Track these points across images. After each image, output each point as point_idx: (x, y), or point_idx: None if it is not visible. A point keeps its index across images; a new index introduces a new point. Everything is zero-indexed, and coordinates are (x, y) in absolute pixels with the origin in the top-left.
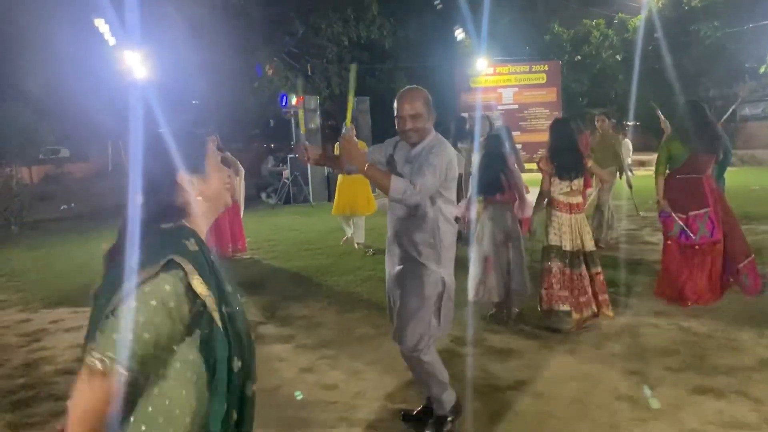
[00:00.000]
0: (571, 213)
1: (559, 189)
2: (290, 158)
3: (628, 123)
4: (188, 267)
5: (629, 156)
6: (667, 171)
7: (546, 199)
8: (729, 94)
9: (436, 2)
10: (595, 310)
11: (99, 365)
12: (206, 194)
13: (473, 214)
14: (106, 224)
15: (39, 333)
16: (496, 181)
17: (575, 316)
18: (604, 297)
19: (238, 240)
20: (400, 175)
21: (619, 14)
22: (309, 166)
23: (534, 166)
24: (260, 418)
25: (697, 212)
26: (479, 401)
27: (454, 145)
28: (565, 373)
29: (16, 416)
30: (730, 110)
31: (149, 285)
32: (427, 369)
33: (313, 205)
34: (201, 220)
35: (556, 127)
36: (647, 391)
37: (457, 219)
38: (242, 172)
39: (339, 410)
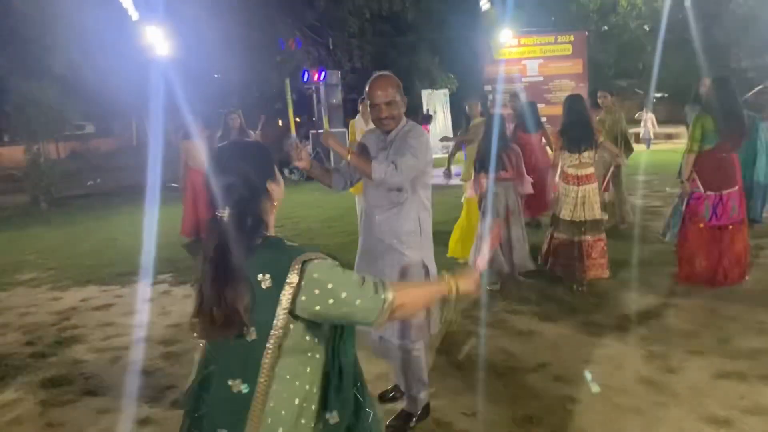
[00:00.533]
0: (579, 185)
1: (569, 161)
2: (312, 134)
3: (656, 95)
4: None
5: (653, 129)
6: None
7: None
8: (762, 64)
9: None
10: (589, 272)
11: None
12: (279, 198)
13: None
14: (132, 200)
15: (69, 311)
16: (498, 159)
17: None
18: (602, 261)
19: None
20: None
21: None
22: None
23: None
24: None
25: (730, 190)
26: (500, 382)
27: (467, 124)
28: (586, 356)
29: (49, 394)
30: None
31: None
32: (415, 364)
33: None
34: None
35: (568, 103)
36: (670, 375)
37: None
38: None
39: None
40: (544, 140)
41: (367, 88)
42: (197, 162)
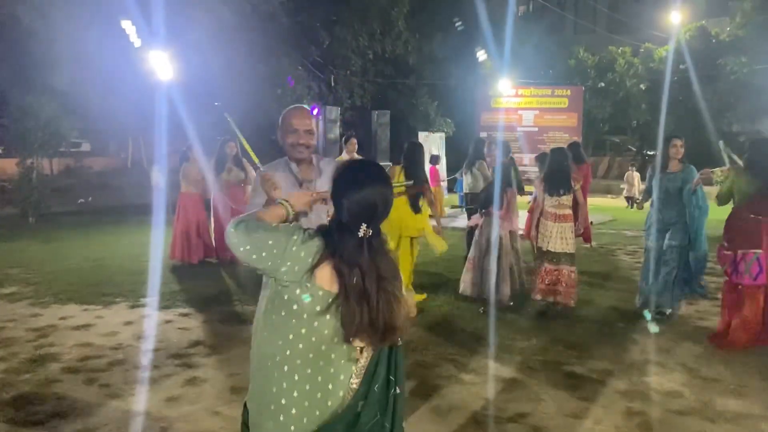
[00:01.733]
0: (556, 221)
1: (550, 203)
2: None
3: (649, 153)
4: None
5: (637, 187)
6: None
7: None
8: (752, 130)
9: (456, 23)
10: (561, 298)
11: None
12: None
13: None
14: (121, 220)
15: (48, 329)
16: (494, 198)
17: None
18: (571, 290)
19: None
20: None
21: (646, 44)
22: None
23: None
24: None
25: (746, 252)
26: (479, 431)
27: (471, 165)
28: (567, 409)
29: (19, 413)
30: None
31: None
32: None
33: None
34: None
35: (552, 154)
36: None
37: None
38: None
39: None
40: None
41: (284, 118)
42: (192, 186)
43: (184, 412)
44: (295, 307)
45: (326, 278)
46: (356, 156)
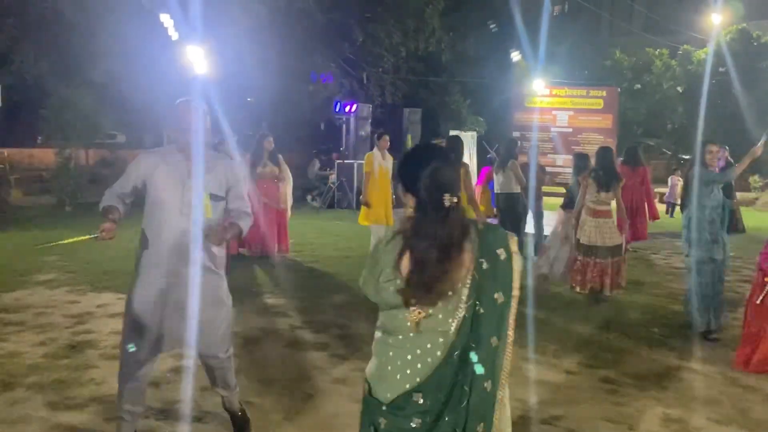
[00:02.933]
0: (594, 216)
1: (592, 197)
2: (338, 163)
3: (684, 157)
4: None
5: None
6: None
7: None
8: None
9: (491, 25)
10: (600, 286)
11: None
12: None
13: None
14: None
15: (85, 316)
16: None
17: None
18: (618, 279)
19: (282, 240)
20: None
21: (684, 46)
22: (355, 171)
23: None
24: (291, 426)
25: None
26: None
27: (504, 164)
28: (602, 413)
29: (57, 396)
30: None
31: None
32: (231, 371)
33: (357, 212)
34: None
35: (602, 152)
36: None
37: None
38: (290, 178)
39: None
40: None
41: (178, 112)
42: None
43: (218, 402)
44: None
45: (407, 264)
46: (387, 153)
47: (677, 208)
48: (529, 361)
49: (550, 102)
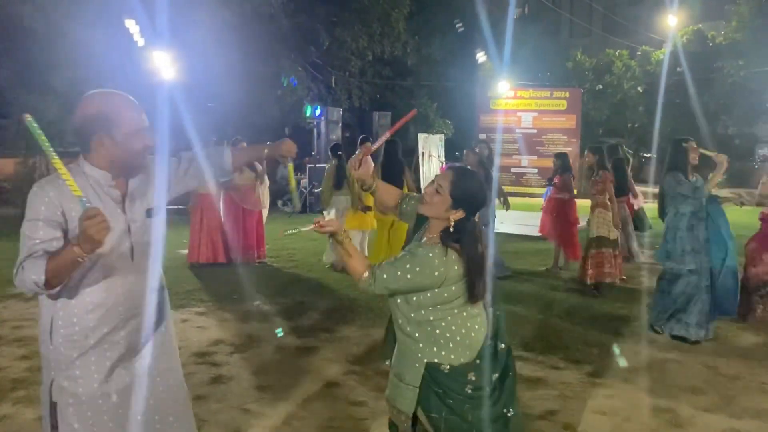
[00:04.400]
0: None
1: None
2: (309, 168)
3: (645, 155)
4: None
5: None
6: None
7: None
8: (747, 133)
9: (457, 24)
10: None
11: None
12: None
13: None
14: None
15: None
16: None
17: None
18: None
19: (260, 246)
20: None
21: (643, 47)
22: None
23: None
24: (286, 429)
25: None
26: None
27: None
28: (594, 406)
29: None
30: None
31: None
32: None
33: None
34: None
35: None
36: (679, 430)
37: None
38: (267, 180)
39: (367, 427)
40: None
41: (114, 108)
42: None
43: (214, 410)
44: (445, 294)
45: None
46: (369, 158)
47: None
48: (518, 359)
49: (515, 104)
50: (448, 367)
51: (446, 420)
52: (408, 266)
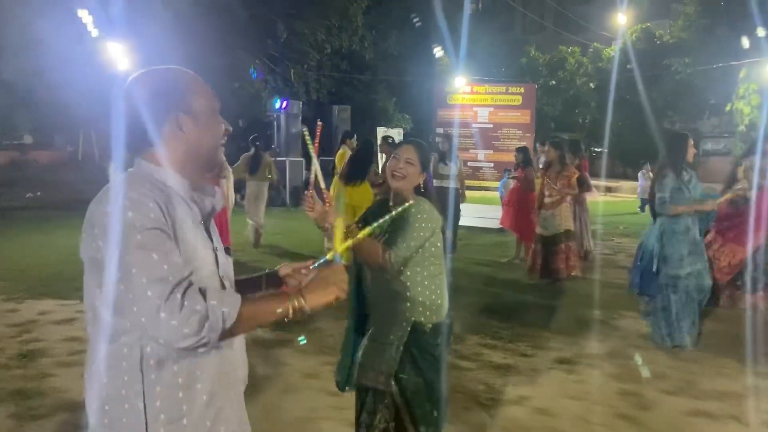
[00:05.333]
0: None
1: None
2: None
3: (596, 150)
4: None
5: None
6: None
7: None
8: (692, 128)
9: (414, 19)
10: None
11: None
12: None
13: None
14: (75, 215)
15: (29, 324)
16: None
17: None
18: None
19: (225, 240)
20: None
21: (594, 44)
22: (288, 168)
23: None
24: (267, 421)
25: None
26: (486, 413)
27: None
28: (564, 391)
29: (19, 407)
30: None
31: None
32: None
33: (291, 209)
34: None
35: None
36: (646, 412)
37: None
38: (231, 173)
39: (347, 416)
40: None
41: (186, 78)
42: None
43: None
44: (433, 249)
45: None
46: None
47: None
48: (487, 347)
49: (471, 99)
50: (430, 326)
51: (414, 382)
52: (414, 228)
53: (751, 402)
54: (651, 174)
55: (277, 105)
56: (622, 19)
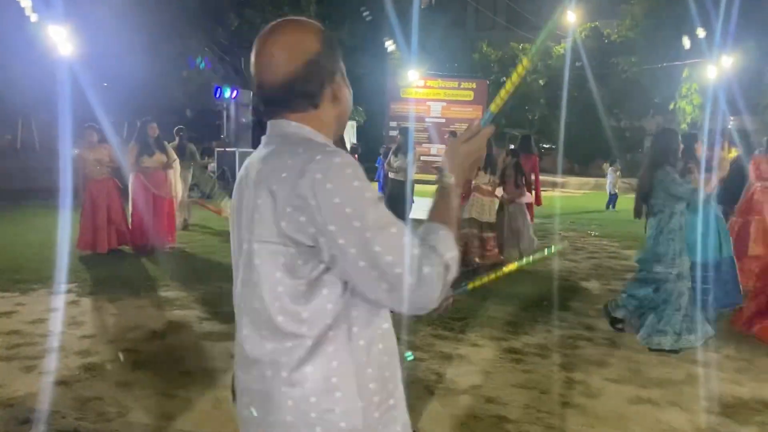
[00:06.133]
0: (486, 196)
1: (482, 180)
2: (218, 151)
3: (545, 146)
4: None
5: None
6: None
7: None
8: (637, 126)
9: (364, 12)
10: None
11: None
12: None
13: None
14: (17, 206)
15: None
16: None
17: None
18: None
19: (169, 231)
20: None
21: None
22: (237, 159)
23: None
24: (221, 415)
25: None
26: (438, 402)
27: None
28: (514, 380)
29: None
30: None
31: None
32: None
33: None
34: None
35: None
36: (592, 400)
37: None
38: (178, 165)
39: None
40: None
41: (330, 38)
42: (102, 170)
43: (138, 396)
44: None
45: None
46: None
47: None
48: (438, 337)
49: (425, 93)
50: None
51: None
52: None
53: (691, 389)
54: (620, 171)
55: (227, 94)
56: (572, 18)
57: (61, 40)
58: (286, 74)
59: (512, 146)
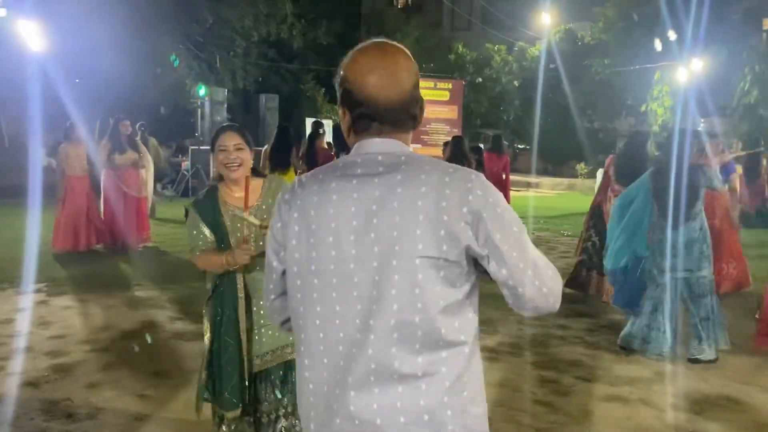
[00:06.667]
0: None
1: None
2: (192, 149)
3: (519, 146)
4: None
5: None
6: None
7: None
8: (610, 128)
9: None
10: None
11: None
12: None
13: None
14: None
15: None
16: None
17: None
18: None
19: (142, 229)
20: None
21: (519, 42)
22: (212, 158)
23: None
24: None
25: None
26: None
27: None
28: (487, 379)
29: None
30: None
31: None
32: None
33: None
34: None
35: (454, 141)
36: (563, 398)
37: None
38: (151, 163)
39: None
40: None
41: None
42: (78, 168)
43: (109, 397)
44: None
45: None
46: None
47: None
48: None
49: None
50: None
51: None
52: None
53: (659, 387)
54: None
55: (201, 92)
56: (545, 20)
57: (31, 35)
58: (407, 94)
59: (480, 145)
